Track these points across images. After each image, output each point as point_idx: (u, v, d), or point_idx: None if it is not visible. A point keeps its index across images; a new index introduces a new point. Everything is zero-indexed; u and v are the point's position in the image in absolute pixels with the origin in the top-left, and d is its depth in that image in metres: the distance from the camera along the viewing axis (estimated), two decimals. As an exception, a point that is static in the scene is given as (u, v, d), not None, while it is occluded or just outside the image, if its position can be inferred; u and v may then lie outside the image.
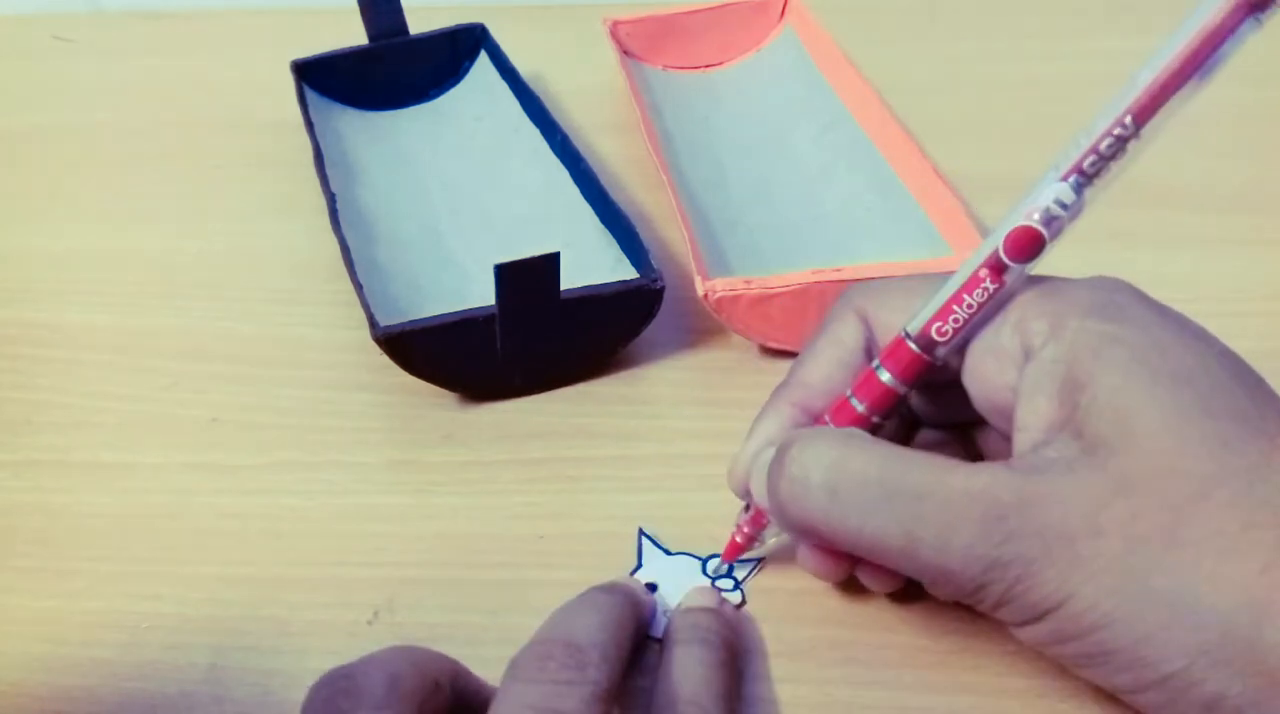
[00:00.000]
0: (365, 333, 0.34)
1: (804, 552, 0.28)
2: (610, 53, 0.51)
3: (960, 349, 0.27)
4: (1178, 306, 0.25)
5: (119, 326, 0.41)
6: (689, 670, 0.26)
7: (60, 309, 0.42)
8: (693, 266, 0.37)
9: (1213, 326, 0.25)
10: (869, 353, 0.28)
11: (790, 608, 0.30)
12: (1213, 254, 0.42)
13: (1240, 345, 0.25)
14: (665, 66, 0.53)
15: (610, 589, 0.28)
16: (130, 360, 0.39)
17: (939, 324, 0.26)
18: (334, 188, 0.42)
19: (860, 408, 0.27)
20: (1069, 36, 0.57)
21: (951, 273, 0.26)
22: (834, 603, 0.30)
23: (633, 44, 0.53)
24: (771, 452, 0.27)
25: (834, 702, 0.28)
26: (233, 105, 0.54)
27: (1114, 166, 0.24)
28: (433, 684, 0.24)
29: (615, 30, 0.52)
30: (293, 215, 0.46)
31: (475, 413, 0.37)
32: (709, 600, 0.29)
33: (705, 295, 0.36)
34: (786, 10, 0.54)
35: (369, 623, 0.30)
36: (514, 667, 0.24)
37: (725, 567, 0.31)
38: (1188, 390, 0.23)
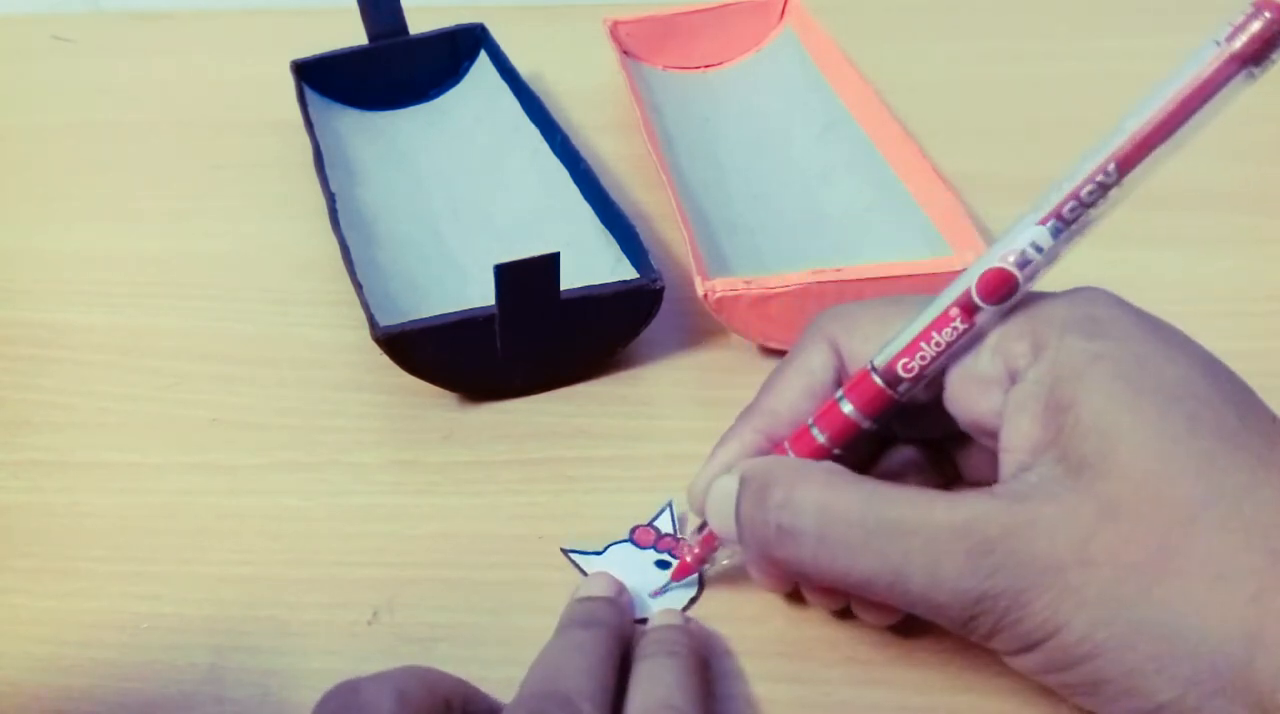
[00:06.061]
0: (365, 333, 0.34)
1: (755, 571, 0.28)
2: (610, 53, 0.51)
3: (927, 385, 0.26)
4: (1175, 307, 0.25)
5: (119, 326, 0.41)
6: (660, 677, 0.26)
7: (60, 309, 0.42)
8: (693, 267, 0.37)
9: (1211, 327, 0.25)
10: (839, 381, 0.28)
11: (790, 608, 0.30)
12: (1212, 254, 0.42)
13: (1238, 346, 0.25)
14: (665, 66, 0.53)
15: (589, 623, 0.28)
16: (130, 360, 0.39)
17: (905, 360, 0.26)
18: (334, 188, 0.42)
19: (821, 439, 0.27)
20: (1069, 36, 0.57)
21: (929, 296, 0.26)
22: (834, 603, 0.30)
23: (633, 44, 0.53)
24: (731, 480, 0.27)
25: (834, 702, 0.28)
26: (233, 105, 0.54)
27: (1093, 214, 0.24)
28: (443, 704, 0.24)
29: (615, 30, 0.52)
30: (293, 215, 0.46)
31: (475, 413, 0.37)
32: (674, 620, 0.29)
33: (705, 295, 0.36)
34: (786, 10, 0.54)
35: (369, 623, 0.30)
36: None
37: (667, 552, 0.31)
38: (1173, 407, 0.22)
